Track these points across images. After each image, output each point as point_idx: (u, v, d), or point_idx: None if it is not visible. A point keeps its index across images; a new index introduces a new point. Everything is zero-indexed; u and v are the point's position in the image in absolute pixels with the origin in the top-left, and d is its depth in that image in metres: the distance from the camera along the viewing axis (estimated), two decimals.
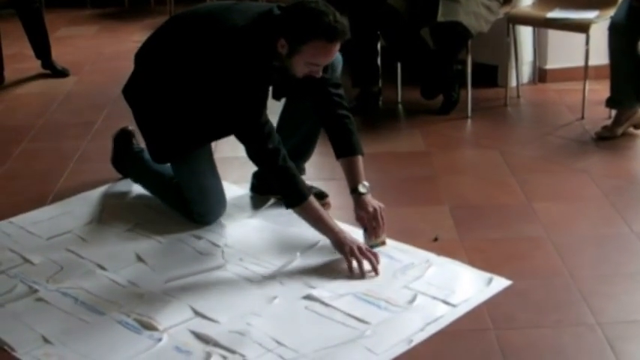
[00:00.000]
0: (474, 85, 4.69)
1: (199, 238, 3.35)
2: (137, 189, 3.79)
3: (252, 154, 3.21)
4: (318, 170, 3.88)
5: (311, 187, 3.55)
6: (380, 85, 4.90)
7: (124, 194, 3.79)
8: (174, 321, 2.79)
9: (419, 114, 4.78)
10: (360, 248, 3.08)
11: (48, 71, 5.66)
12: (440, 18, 4.35)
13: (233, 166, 4.02)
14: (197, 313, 2.84)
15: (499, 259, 3.16)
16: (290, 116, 3.59)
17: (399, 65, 4.96)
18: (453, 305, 2.85)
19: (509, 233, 3.37)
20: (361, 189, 3.27)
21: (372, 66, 4.85)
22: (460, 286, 2.95)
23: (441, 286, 2.95)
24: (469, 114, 4.67)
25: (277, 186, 3.19)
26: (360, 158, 3.32)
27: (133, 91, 3.46)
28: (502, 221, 3.46)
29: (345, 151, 3.32)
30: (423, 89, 4.79)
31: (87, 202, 3.71)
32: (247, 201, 3.69)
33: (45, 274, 3.11)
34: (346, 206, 3.41)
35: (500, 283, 2.98)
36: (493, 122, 4.62)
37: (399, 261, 3.15)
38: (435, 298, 2.89)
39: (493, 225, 3.43)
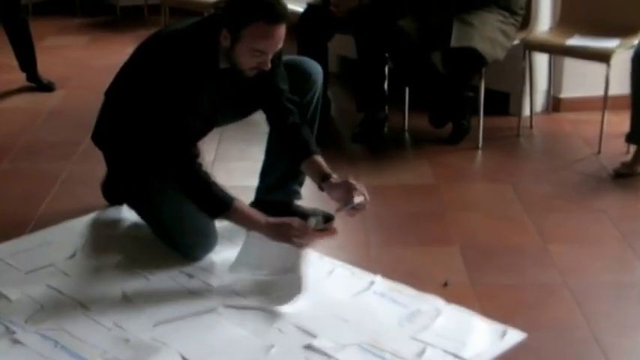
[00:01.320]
0: (484, 113, 4.59)
1: (191, 276, 3.24)
2: (127, 217, 3.67)
3: (168, 161, 3.18)
4: (322, 203, 3.77)
5: (314, 211, 3.56)
6: (386, 111, 4.79)
7: (111, 224, 3.68)
8: None
9: (427, 143, 4.69)
10: (293, 227, 3.08)
11: (33, 84, 5.53)
12: (453, 43, 4.25)
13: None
14: None
15: (513, 307, 3.06)
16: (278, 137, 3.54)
17: (407, 90, 4.86)
18: None
19: (523, 278, 3.27)
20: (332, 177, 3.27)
21: (378, 90, 4.75)
22: (472, 339, 2.84)
23: (452, 338, 2.84)
24: (480, 144, 4.57)
25: (196, 196, 3.18)
26: (319, 158, 3.33)
27: (103, 130, 3.48)
28: (516, 265, 3.36)
29: (301, 155, 3.34)
30: (432, 116, 4.69)
31: (71, 231, 3.60)
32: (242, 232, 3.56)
33: (23, 312, 2.99)
34: (351, 230, 3.39)
35: (515, 336, 2.87)
36: (505, 154, 4.52)
37: (405, 307, 3.04)
38: (445, 351, 2.77)
39: (506, 269, 3.33)
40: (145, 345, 2.80)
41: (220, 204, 3.14)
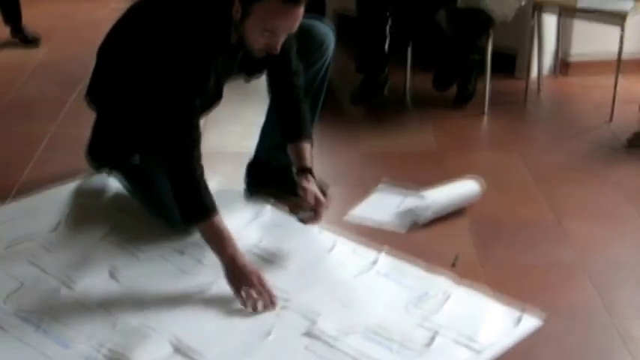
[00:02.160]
0: (491, 76, 4.35)
1: (182, 253, 3.01)
2: (113, 186, 3.43)
3: (165, 142, 2.85)
4: (319, 172, 3.53)
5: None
6: (387, 72, 4.54)
7: (97, 192, 3.44)
8: (151, 358, 2.45)
9: (430, 106, 4.46)
10: (250, 280, 2.73)
11: (16, 39, 5.26)
12: (460, 3, 4.02)
13: (220, 161, 3.67)
14: (177, 350, 2.51)
15: (527, 289, 2.85)
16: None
17: (409, 51, 4.61)
18: (477, 351, 2.53)
19: (537, 258, 3.06)
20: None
21: (379, 51, 4.49)
22: (484, 326, 2.64)
23: (463, 325, 2.63)
24: (486, 109, 4.34)
25: (180, 190, 2.85)
26: (307, 145, 3.12)
27: (96, 90, 3.20)
28: (529, 242, 3.16)
29: (292, 135, 3.14)
30: (436, 79, 4.45)
31: (54, 200, 3.36)
32: (240, 206, 3.35)
33: (2, 291, 2.77)
34: (351, 203, 3.30)
35: (530, 322, 2.66)
36: (512, 120, 4.30)
37: (412, 289, 2.83)
38: (456, 341, 2.56)
39: (519, 247, 3.12)
40: (133, 330, 2.58)
41: (201, 211, 2.82)
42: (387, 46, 4.47)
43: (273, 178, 3.35)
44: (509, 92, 4.61)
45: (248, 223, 3.20)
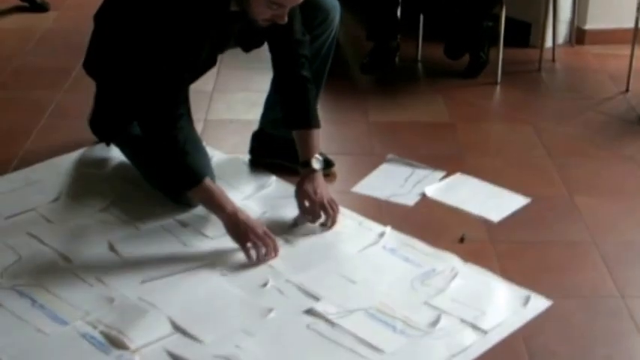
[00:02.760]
0: (503, 44, 4.22)
1: (185, 225, 2.93)
2: (116, 155, 3.34)
3: (147, 114, 2.80)
4: (326, 143, 3.44)
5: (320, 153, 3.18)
6: (398, 40, 4.42)
7: (100, 162, 3.36)
8: (149, 338, 2.38)
9: (441, 75, 4.33)
10: (256, 232, 2.70)
11: (25, 4, 5.15)
12: None
13: (227, 130, 3.59)
14: (177, 328, 2.43)
15: (537, 268, 2.76)
16: None
17: (420, 18, 4.49)
18: (484, 331, 2.44)
19: (548, 235, 2.96)
20: (314, 163, 2.93)
21: (390, 17, 4.37)
22: (492, 306, 2.55)
23: (469, 305, 2.54)
24: (498, 79, 4.22)
25: (166, 161, 2.80)
26: (316, 132, 2.96)
27: (94, 59, 3.13)
28: (540, 218, 3.05)
29: (299, 122, 2.98)
30: (448, 47, 4.34)
31: (57, 170, 3.28)
32: (244, 177, 3.26)
33: (0, 264, 2.69)
34: (358, 174, 3.23)
35: (539, 303, 2.57)
36: (525, 90, 4.17)
37: (418, 265, 2.74)
38: (462, 320, 2.48)
39: (529, 223, 3.02)
40: (130, 306, 2.51)
41: (191, 177, 2.77)
42: (398, 13, 4.35)
43: (278, 149, 3.25)
44: (523, 62, 4.48)
45: (252, 195, 3.11)
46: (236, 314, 2.49)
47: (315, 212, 2.90)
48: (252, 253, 2.69)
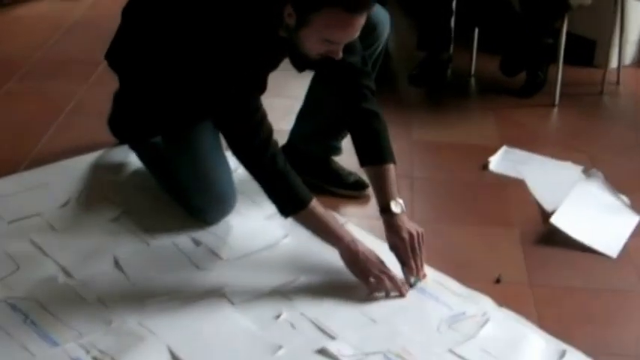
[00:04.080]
0: (564, 62, 4.09)
1: (198, 244, 2.84)
2: (134, 161, 3.26)
3: (234, 146, 2.67)
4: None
5: (350, 174, 3.16)
6: (451, 51, 4.31)
7: (116, 167, 3.28)
8: None
9: (495, 93, 4.22)
10: (377, 265, 2.60)
11: None
12: None
13: None
14: (175, 359, 2.32)
15: (577, 318, 2.62)
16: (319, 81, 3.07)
17: (476, 29, 4.37)
18: None
19: (592, 282, 2.82)
20: (394, 207, 2.72)
21: (443, 27, 4.27)
22: (522, 359, 2.40)
23: (498, 356, 2.41)
24: (556, 101, 4.08)
25: (266, 189, 2.67)
26: (391, 167, 2.79)
27: (118, 53, 3.02)
28: (587, 262, 2.91)
29: (372, 158, 2.80)
30: (504, 63, 4.22)
31: (69, 173, 3.21)
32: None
33: None
34: None
35: (575, 359, 2.42)
36: (585, 115, 4.03)
37: (448, 307, 2.61)
38: None
39: (574, 266, 2.88)
40: (128, 331, 2.42)
41: (296, 201, 2.64)
42: (452, 23, 4.23)
43: (307, 165, 3.13)
44: (584, 83, 4.34)
45: (274, 215, 2.98)
46: (242, 349, 2.39)
47: (412, 260, 2.71)
48: (378, 286, 2.60)
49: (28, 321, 2.43)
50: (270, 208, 2.97)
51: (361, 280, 2.61)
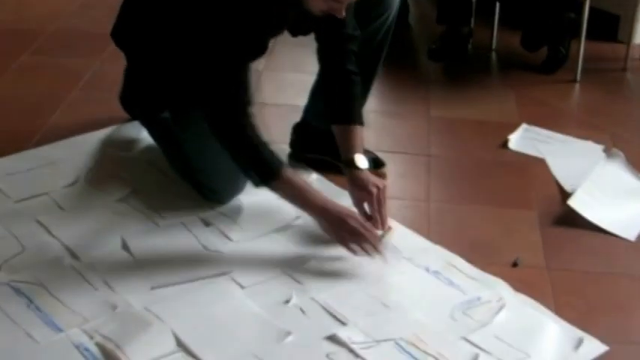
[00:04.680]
0: (586, 37, 3.97)
1: (208, 224, 2.76)
2: (146, 137, 3.17)
3: (212, 111, 2.59)
4: (380, 139, 3.26)
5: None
6: (471, 25, 4.22)
7: (127, 144, 3.20)
8: (148, 355, 2.20)
9: (516, 68, 4.12)
10: (355, 225, 2.53)
11: None
12: None
13: (273, 115, 3.40)
14: (181, 346, 2.25)
15: (595, 305, 2.53)
16: None
17: (497, 4, 4.24)
18: None
19: (612, 267, 2.72)
20: (359, 163, 2.70)
21: (464, 1, 4.18)
22: (538, 348, 2.32)
23: (513, 344, 2.32)
24: (578, 77, 3.97)
25: (238, 157, 2.62)
26: (359, 128, 2.75)
27: (122, 30, 2.94)
28: (605, 246, 2.81)
29: (342, 118, 2.77)
30: (525, 38, 4.12)
31: (79, 149, 3.14)
32: None
33: (0, 255, 2.55)
34: (412, 187, 2.97)
35: (593, 348, 2.34)
36: (607, 92, 3.92)
37: (462, 291, 2.53)
38: None
39: (593, 250, 2.79)
40: (134, 316, 2.34)
41: (268, 170, 2.58)
42: None
43: (322, 144, 3.04)
44: (607, 58, 4.23)
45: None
46: (249, 335, 2.31)
47: (378, 214, 2.67)
48: (354, 247, 2.54)
49: (32, 306, 2.36)
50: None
51: (338, 242, 2.56)
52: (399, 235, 2.72)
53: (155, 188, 2.93)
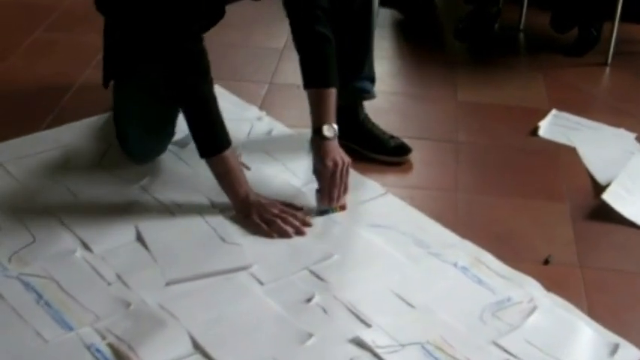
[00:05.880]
0: (620, 19, 3.82)
1: (222, 211, 2.64)
2: None
3: (169, 72, 2.54)
4: (406, 124, 3.13)
5: (392, 137, 2.96)
6: (500, 4, 4.09)
7: None
8: (164, 357, 2.09)
9: (545, 50, 3.97)
10: (277, 212, 2.55)
11: None
12: None
13: (293, 97, 3.27)
14: (197, 348, 2.13)
15: (631, 308, 2.40)
16: None
17: None
18: None
19: None
20: (326, 132, 2.61)
21: None
22: (571, 353, 2.19)
23: (545, 350, 2.19)
24: (609, 60, 3.82)
25: (191, 123, 2.56)
26: (334, 92, 2.66)
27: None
28: None
29: (314, 80, 2.68)
30: (554, 18, 3.98)
31: (93, 132, 3.03)
32: (304, 159, 2.89)
33: (10, 246, 2.44)
34: (439, 176, 2.86)
35: (630, 354, 2.20)
36: (638, 76, 3.74)
37: (491, 291, 2.40)
38: None
39: (629, 247, 2.65)
40: (148, 314, 2.22)
41: (216, 143, 2.55)
42: None
43: (344, 128, 2.89)
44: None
45: (307, 184, 2.78)
46: (269, 337, 2.19)
47: (328, 188, 2.63)
48: (272, 229, 2.53)
49: (42, 302, 2.25)
50: (305, 176, 2.77)
51: (255, 229, 2.54)
52: (427, 227, 2.59)
53: (172, 176, 2.81)
